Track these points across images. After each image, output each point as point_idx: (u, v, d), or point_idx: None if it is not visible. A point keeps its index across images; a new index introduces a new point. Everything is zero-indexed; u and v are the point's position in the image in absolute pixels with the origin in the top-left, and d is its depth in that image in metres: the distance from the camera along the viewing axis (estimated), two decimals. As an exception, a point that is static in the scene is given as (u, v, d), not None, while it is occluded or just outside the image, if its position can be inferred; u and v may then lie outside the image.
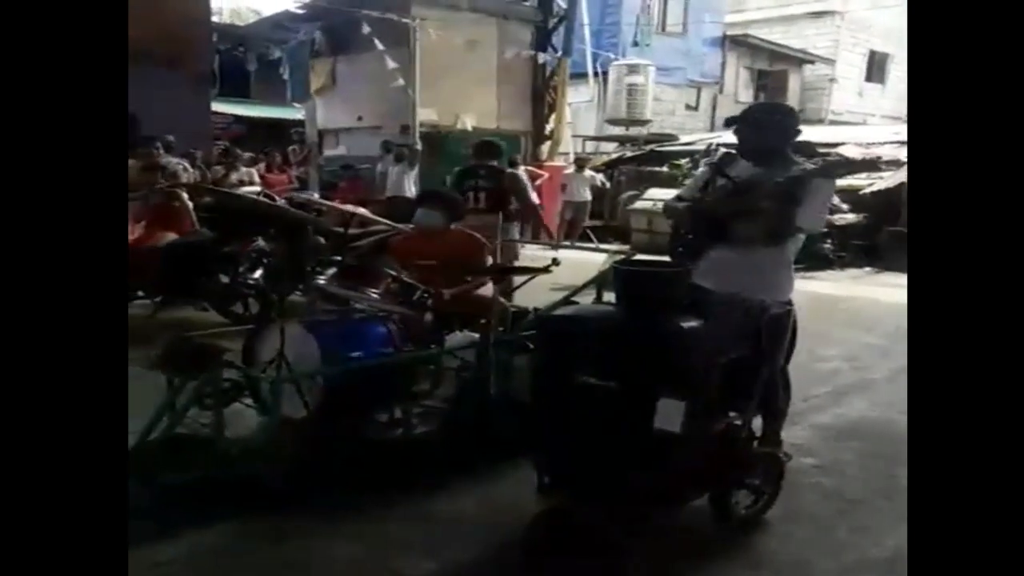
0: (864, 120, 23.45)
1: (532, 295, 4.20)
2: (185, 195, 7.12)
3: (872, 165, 10.62)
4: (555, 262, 4.07)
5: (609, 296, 3.33)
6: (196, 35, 12.37)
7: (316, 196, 10.01)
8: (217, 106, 16.22)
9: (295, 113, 18.75)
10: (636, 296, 2.88)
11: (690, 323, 2.76)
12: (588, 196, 14.07)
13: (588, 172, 14.42)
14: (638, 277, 2.93)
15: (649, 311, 2.79)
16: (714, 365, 2.85)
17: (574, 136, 17.55)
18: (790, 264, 3.35)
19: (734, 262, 3.21)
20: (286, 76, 19.09)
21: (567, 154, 15.86)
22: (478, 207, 6.17)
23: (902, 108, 25.18)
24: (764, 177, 3.09)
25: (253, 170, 10.87)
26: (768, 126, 3.31)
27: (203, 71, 12.83)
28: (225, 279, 6.50)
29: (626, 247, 11.62)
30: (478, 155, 6.83)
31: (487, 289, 4.09)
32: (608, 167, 16.89)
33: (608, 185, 15.47)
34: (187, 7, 11.96)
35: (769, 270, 3.23)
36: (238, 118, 19.09)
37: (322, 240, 6.43)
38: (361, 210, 5.10)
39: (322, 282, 4.14)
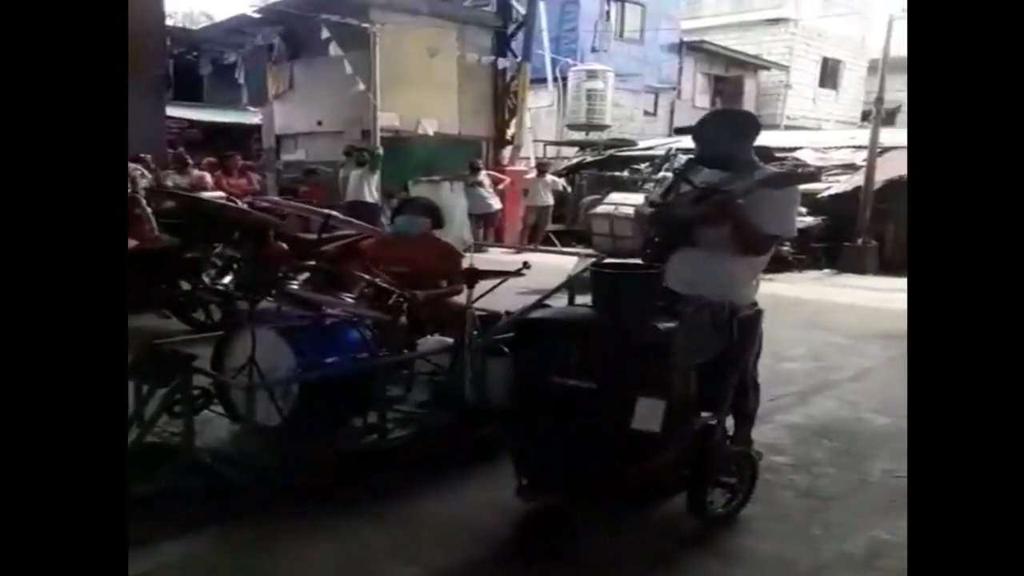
0: (819, 125, 23.89)
1: (498, 299, 4.18)
2: (144, 201, 6.99)
3: (814, 177, 12.09)
4: (526, 265, 4.06)
5: (580, 299, 3.34)
6: (150, 39, 12.14)
7: (281, 200, 9.88)
8: (171, 110, 15.95)
9: (251, 117, 18.51)
10: (615, 298, 2.89)
11: (667, 324, 2.78)
12: (550, 200, 14.13)
13: (550, 177, 14.46)
14: (617, 279, 2.94)
15: (628, 312, 2.80)
16: (691, 365, 2.88)
17: (535, 141, 17.60)
18: (755, 268, 3.36)
19: (700, 266, 3.22)
20: (241, 80, 18.84)
21: (528, 159, 15.91)
22: None
23: (855, 113, 25.78)
24: (727, 183, 3.10)
25: (206, 174, 10.65)
26: (723, 132, 3.33)
27: (157, 75, 12.60)
28: (186, 286, 6.39)
29: (591, 250, 11.67)
30: None
31: (460, 295, 4.08)
32: (569, 172, 16.97)
33: (569, 189, 15.53)
34: (140, 11, 11.73)
35: (734, 274, 3.24)
36: (192, 122, 18.78)
37: (284, 246, 6.36)
38: (335, 212, 5.05)
39: (294, 287, 4.07)
